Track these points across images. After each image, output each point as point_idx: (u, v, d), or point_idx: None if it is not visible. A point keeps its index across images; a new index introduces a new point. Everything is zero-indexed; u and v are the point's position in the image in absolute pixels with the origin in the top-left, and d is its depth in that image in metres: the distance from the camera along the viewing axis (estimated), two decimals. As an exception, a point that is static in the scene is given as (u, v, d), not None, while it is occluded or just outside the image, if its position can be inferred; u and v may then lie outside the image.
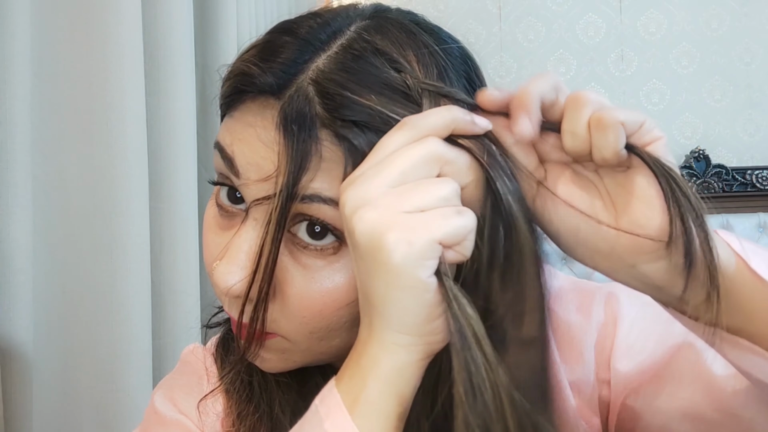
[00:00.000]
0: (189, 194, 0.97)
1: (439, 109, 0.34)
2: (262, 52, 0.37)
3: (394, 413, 0.33)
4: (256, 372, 0.44)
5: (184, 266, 0.95)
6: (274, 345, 0.39)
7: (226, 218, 0.40)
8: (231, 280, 0.36)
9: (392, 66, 0.35)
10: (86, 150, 0.78)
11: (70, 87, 0.77)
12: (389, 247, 0.30)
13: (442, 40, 0.39)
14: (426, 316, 0.32)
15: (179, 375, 0.51)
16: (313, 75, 0.35)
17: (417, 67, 0.36)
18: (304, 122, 0.34)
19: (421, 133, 0.33)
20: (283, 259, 0.37)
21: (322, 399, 0.34)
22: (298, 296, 0.37)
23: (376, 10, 0.40)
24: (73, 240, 0.78)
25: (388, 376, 0.33)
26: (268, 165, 0.35)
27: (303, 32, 0.37)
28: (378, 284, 0.31)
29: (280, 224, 0.35)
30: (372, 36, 0.36)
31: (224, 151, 0.38)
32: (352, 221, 0.31)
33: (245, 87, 0.37)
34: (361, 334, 0.34)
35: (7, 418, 0.66)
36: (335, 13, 0.39)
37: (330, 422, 0.33)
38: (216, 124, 1.13)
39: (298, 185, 0.34)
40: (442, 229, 0.31)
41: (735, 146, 2.05)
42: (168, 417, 0.46)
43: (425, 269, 0.31)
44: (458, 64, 0.39)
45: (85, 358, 0.79)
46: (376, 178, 0.32)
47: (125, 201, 0.80)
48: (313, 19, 0.38)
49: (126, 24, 0.80)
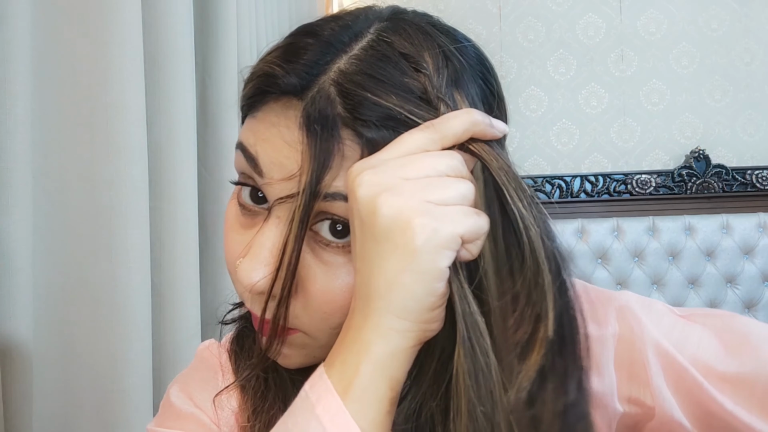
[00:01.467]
0: (189, 194, 0.97)
1: (460, 113, 0.35)
2: (285, 54, 0.38)
3: (386, 398, 0.34)
4: (271, 368, 0.45)
5: (184, 266, 0.95)
6: (295, 341, 0.40)
7: (248, 217, 0.41)
8: (255, 277, 0.37)
9: (411, 67, 0.36)
10: (86, 150, 0.78)
11: (70, 87, 0.77)
12: (414, 230, 0.32)
13: (458, 42, 0.40)
14: (430, 304, 0.33)
15: (195, 370, 0.51)
16: (334, 76, 0.36)
17: (432, 69, 0.37)
18: (326, 122, 0.35)
19: (443, 137, 0.34)
20: (305, 256, 0.38)
21: (312, 385, 0.35)
22: (320, 292, 0.38)
23: (394, 12, 0.41)
24: (73, 240, 0.78)
25: (381, 361, 0.33)
26: (291, 164, 0.36)
27: (325, 34, 0.38)
28: (390, 267, 0.32)
29: (303, 222, 0.36)
30: (391, 37, 0.37)
31: (247, 151, 0.39)
32: (376, 202, 0.32)
33: (268, 88, 0.37)
34: (352, 320, 0.35)
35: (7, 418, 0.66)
36: (355, 16, 0.40)
37: (322, 407, 0.33)
38: (216, 124, 1.13)
39: (321, 183, 0.35)
40: (464, 224, 0.33)
41: (735, 146, 2.05)
42: (184, 410, 0.47)
43: (444, 258, 0.32)
44: (474, 65, 0.40)
45: (85, 358, 0.79)
46: (399, 169, 0.33)
47: (125, 201, 0.80)
48: (334, 22, 0.39)
49: (126, 24, 0.80)
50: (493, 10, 2.10)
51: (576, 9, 2.08)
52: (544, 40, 2.09)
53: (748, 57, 2.06)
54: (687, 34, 2.07)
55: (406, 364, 0.34)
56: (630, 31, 2.08)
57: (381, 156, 0.34)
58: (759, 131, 2.06)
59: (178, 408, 0.47)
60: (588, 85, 2.08)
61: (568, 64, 2.09)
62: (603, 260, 1.94)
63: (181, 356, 0.94)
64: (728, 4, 2.06)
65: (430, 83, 0.36)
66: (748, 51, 2.06)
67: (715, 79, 2.07)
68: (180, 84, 0.94)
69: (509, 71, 2.09)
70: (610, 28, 2.08)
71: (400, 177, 0.33)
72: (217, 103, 1.13)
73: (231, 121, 1.15)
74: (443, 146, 0.35)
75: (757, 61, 2.06)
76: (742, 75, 2.06)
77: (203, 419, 0.46)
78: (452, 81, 0.37)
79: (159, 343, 0.92)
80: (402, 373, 0.34)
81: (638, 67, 2.07)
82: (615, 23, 2.08)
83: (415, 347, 0.34)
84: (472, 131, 0.35)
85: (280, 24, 1.61)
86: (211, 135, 1.13)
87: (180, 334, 0.95)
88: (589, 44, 2.08)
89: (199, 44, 1.08)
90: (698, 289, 1.94)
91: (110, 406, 0.80)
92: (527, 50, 2.09)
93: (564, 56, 2.09)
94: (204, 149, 1.10)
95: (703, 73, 2.07)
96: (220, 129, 1.14)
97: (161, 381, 0.91)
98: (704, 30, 2.07)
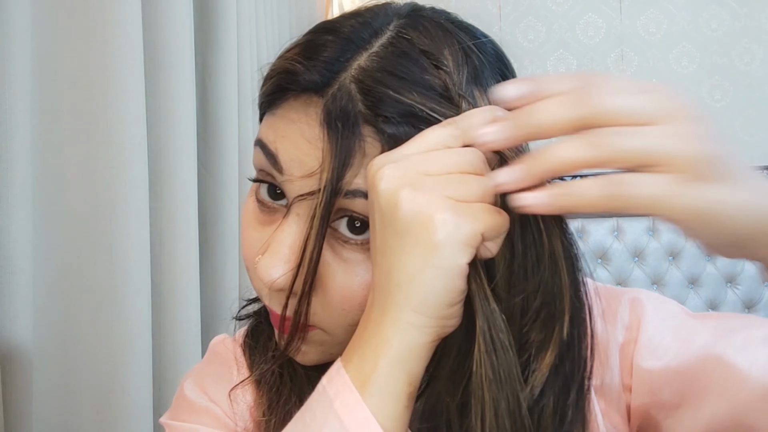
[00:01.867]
0: (189, 194, 0.97)
1: (483, 110, 0.35)
2: (305, 51, 0.38)
3: (404, 393, 0.33)
4: (287, 364, 0.45)
5: (184, 266, 0.95)
6: (314, 338, 0.40)
7: (267, 214, 0.40)
8: (275, 274, 0.37)
9: (431, 64, 0.36)
10: (86, 150, 0.78)
11: (70, 87, 0.77)
12: (436, 225, 0.31)
13: (477, 38, 0.40)
14: (449, 300, 0.33)
15: (208, 364, 0.51)
16: (355, 73, 0.36)
17: (452, 65, 0.37)
18: (347, 119, 0.35)
19: (464, 133, 0.34)
20: (324, 253, 0.37)
21: (330, 379, 0.35)
22: (340, 289, 0.38)
23: (413, 9, 0.41)
24: (73, 240, 0.78)
25: (400, 356, 0.33)
26: (311, 161, 0.36)
27: (345, 31, 0.38)
28: (410, 262, 0.32)
29: (324, 219, 0.35)
30: (410, 34, 0.37)
31: (267, 148, 0.38)
32: (397, 197, 0.32)
33: (288, 85, 0.37)
34: (371, 315, 0.35)
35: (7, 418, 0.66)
36: (374, 13, 0.40)
37: (340, 402, 0.33)
38: (216, 124, 1.13)
39: (343, 181, 0.35)
40: (485, 221, 0.33)
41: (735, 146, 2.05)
42: (198, 404, 0.47)
43: (464, 255, 0.32)
44: (493, 62, 0.40)
45: (85, 358, 0.79)
46: (421, 164, 0.33)
47: (125, 201, 0.80)
48: (354, 19, 0.39)
49: (126, 24, 0.79)
50: (493, 10, 2.10)
51: (576, 9, 2.08)
52: (544, 40, 2.09)
53: (748, 57, 2.06)
54: (687, 34, 2.07)
55: (424, 360, 0.34)
56: (630, 31, 2.08)
57: (402, 151, 0.34)
58: (759, 131, 2.06)
59: (192, 401, 0.47)
60: (588, 85, 2.07)
61: (568, 64, 2.09)
62: (603, 260, 1.94)
63: (181, 356, 0.94)
64: (728, 4, 2.06)
65: (451, 80, 0.36)
66: (748, 51, 2.06)
67: (715, 79, 2.07)
68: (180, 84, 0.94)
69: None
70: (610, 28, 2.08)
71: (421, 172, 0.33)
72: (217, 104, 1.13)
73: (231, 121, 1.15)
74: (465, 143, 0.34)
75: (757, 61, 2.06)
76: (742, 75, 2.06)
77: (218, 413, 0.46)
78: (472, 78, 0.37)
79: (159, 343, 0.92)
80: (420, 368, 0.34)
81: (638, 67, 2.07)
82: (615, 23, 2.08)
83: (433, 343, 0.34)
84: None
85: (280, 24, 1.60)
86: (211, 135, 1.13)
87: (180, 334, 0.95)
88: (589, 44, 2.08)
89: (199, 44, 1.08)
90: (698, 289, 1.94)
91: (110, 406, 0.80)
92: (527, 50, 2.09)
93: (564, 56, 2.09)
94: (204, 149, 1.10)
95: (703, 73, 2.07)
96: (220, 129, 1.14)
97: (161, 381, 0.91)
98: (704, 30, 2.07)
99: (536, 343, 0.35)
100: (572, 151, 0.31)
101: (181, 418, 0.46)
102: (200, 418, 0.46)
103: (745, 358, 0.40)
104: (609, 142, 0.30)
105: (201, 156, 1.06)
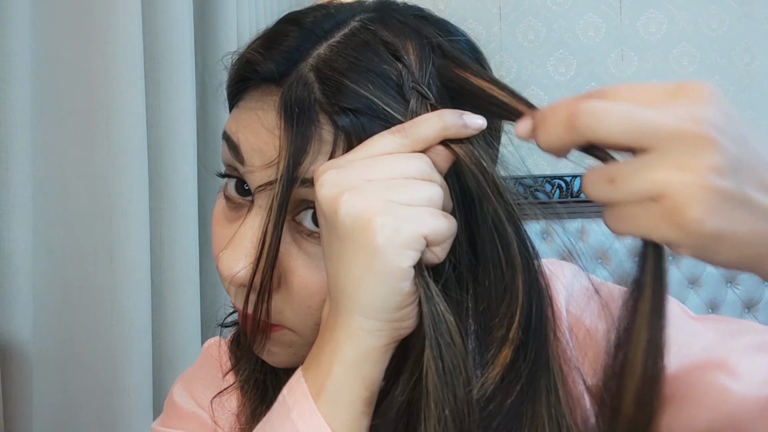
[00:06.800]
0: (189, 194, 0.97)
1: (431, 117, 0.34)
2: (266, 41, 0.38)
3: (359, 398, 0.33)
4: (270, 370, 0.45)
5: (184, 266, 0.95)
6: (282, 338, 0.39)
7: (234, 210, 0.40)
8: (235, 268, 0.36)
9: (390, 56, 0.36)
10: (86, 150, 0.78)
11: (70, 87, 0.77)
12: (375, 229, 0.31)
13: (448, 33, 0.39)
14: (397, 304, 0.32)
15: (199, 368, 0.51)
16: (313, 62, 0.36)
17: (414, 60, 0.36)
18: (303, 107, 0.35)
19: (413, 141, 0.33)
20: (288, 247, 0.37)
21: (290, 389, 0.35)
22: (303, 285, 0.37)
23: (384, 3, 0.40)
24: (73, 240, 0.78)
25: (353, 362, 0.33)
26: (271, 150, 0.36)
27: (308, 22, 0.38)
28: (354, 267, 0.32)
29: (282, 208, 0.35)
30: (374, 26, 0.37)
31: (230, 140, 0.38)
32: (337, 202, 0.32)
33: (249, 74, 0.37)
34: (327, 321, 0.35)
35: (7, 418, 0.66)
36: (341, 6, 0.39)
37: (297, 411, 0.33)
38: (216, 124, 1.13)
39: (299, 168, 0.34)
40: (429, 225, 0.32)
41: (735, 146, 2.05)
42: (185, 410, 0.47)
43: (407, 258, 0.31)
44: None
45: (85, 358, 0.79)
46: (365, 170, 0.32)
47: (125, 201, 0.80)
48: (318, 11, 0.39)
49: (126, 24, 0.79)
50: (493, 10, 2.10)
51: (576, 9, 2.08)
52: (544, 40, 2.09)
53: (748, 57, 2.06)
54: (687, 34, 2.07)
55: (380, 364, 0.34)
56: (630, 31, 2.08)
57: (348, 157, 0.34)
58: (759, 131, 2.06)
59: (180, 407, 0.47)
60: (588, 85, 2.07)
61: (568, 64, 2.09)
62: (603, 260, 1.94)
63: (181, 356, 0.94)
64: (728, 4, 2.06)
65: (408, 72, 0.35)
66: (748, 51, 2.06)
67: (715, 79, 2.06)
68: (180, 84, 0.94)
69: (509, 71, 2.09)
70: (610, 28, 2.08)
71: (364, 178, 0.32)
72: (217, 104, 1.13)
73: (231, 121, 1.15)
74: (413, 150, 0.34)
75: (757, 61, 2.06)
76: (742, 75, 2.06)
77: (205, 418, 0.46)
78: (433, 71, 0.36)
79: (159, 343, 0.92)
80: (377, 372, 0.34)
81: (638, 66, 2.07)
82: (615, 23, 2.08)
83: (388, 346, 0.34)
84: (444, 134, 0.34)
85: (280, 24, 1.60)
86: (211, 135, 1.13)
87: (180, 334, 0.95)
88: (589, 44, 2.08)
89: (199, 44, 1.08)
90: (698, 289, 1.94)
91: (110, 406, 0.80)
92: (527, 50, 2.09)
93: (564, 56, 2.09)
94: (204, 149, 1.10)
95: (703, 73, 2.06)
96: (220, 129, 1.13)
97: (161, 381, 0.91)
98: (704, 30, 2.07)
99: (495, 342, 0.35)
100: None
101: (170, 424, 0.46)
102: (187, 424, 0.46)
103: (745, 365, 0.39)
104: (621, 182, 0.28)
105: (201, 156, 1.06)
